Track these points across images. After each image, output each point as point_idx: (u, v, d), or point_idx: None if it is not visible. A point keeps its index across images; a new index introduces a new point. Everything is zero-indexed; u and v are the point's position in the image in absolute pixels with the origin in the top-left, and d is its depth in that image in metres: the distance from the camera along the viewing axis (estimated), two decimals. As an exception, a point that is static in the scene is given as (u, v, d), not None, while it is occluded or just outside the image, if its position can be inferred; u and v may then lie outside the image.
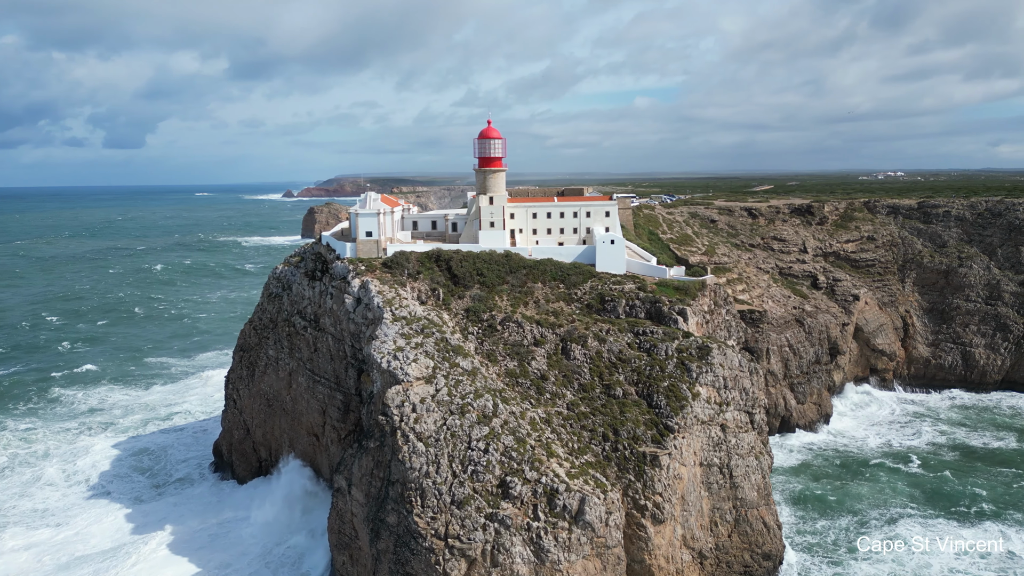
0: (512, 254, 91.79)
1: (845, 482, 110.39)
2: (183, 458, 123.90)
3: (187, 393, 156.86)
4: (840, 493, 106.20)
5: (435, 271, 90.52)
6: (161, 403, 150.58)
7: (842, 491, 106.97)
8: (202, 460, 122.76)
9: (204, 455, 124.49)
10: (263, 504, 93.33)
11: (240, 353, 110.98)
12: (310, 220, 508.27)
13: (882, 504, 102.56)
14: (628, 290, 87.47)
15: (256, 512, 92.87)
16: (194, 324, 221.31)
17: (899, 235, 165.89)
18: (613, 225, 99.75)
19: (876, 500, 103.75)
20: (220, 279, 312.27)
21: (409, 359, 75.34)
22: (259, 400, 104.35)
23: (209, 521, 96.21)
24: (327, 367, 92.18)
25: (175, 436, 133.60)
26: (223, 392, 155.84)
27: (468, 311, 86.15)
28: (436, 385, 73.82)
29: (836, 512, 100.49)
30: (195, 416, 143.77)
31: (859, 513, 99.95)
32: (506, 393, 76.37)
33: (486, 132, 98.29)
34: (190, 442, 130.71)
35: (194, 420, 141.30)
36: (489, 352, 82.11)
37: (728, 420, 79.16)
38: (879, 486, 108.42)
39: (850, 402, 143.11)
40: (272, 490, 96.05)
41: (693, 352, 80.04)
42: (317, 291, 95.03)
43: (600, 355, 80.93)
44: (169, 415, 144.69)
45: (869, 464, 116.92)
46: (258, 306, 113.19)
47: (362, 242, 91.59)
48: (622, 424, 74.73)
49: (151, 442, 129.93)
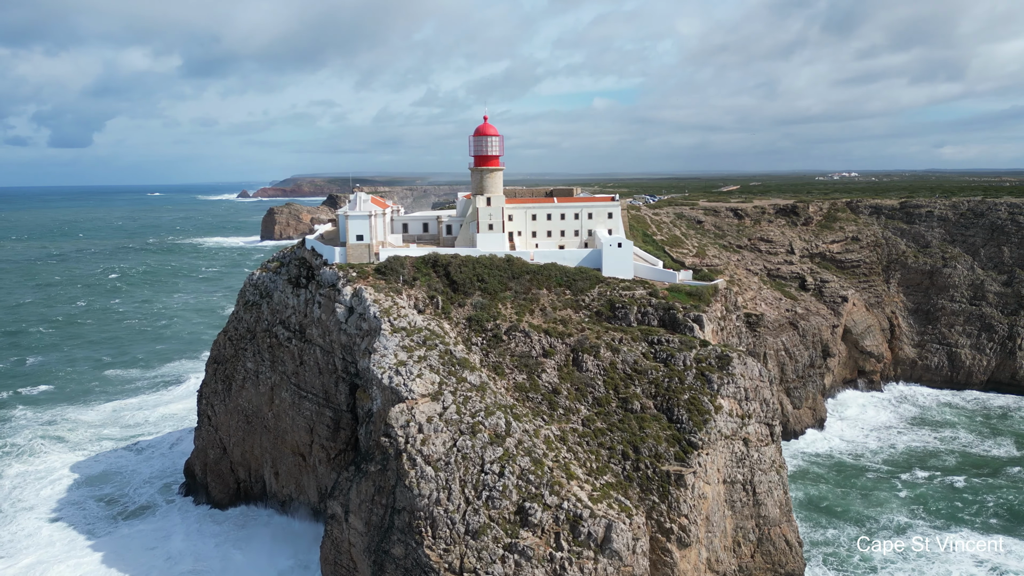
0: (514, 258, 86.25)
1: (847, 489, 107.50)
2: (147, 479, 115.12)
3: (150, 407, 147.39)
4: (844, 500, 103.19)
5: (432, 277, 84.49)
6: (121, 419, 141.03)
7: (846, 498, 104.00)
8: (169, 482, 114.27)
9: (171, 476, 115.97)
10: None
11: (214, 365, 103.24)
12: (270, 221, 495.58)
13: (888, 512, 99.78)
14: (639, 296, 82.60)
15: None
16: (155, 332, 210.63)
17: (883, 235, 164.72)
18: (616, 227, 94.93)
19: (881, 507, 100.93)
20: (179, 283, 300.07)
21: (413, 374, 69.24)
22: (237, 417, 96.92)
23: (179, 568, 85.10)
24: (315, 381, 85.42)
25: (138, 456, 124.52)
26: (190, 405, 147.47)
27: (470, 320, 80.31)
28: (443, 402, 67.88)
29: (843, 520, 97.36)
30: (159, 431, 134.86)
31: (866, 522, 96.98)
32: (517, 409, 70.78)
33: (482, 129, 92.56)
34: (155, 462, 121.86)
35: (158, 436, 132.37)
36: (496, 364, 76.42)
37: (750, 433, 74.79)
38: (882, 493, 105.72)
39: (842, 405, 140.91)
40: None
41: (712, 362, 75.47)
42: (302, 299, 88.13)
43: (614, 366, 75.86)
44: (131, 432, 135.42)
45: (869, 469, 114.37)
46: (233, 315, 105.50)
47: (352, 246, 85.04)
48: (642, 441, 69.75)
49: (111, 463, 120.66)
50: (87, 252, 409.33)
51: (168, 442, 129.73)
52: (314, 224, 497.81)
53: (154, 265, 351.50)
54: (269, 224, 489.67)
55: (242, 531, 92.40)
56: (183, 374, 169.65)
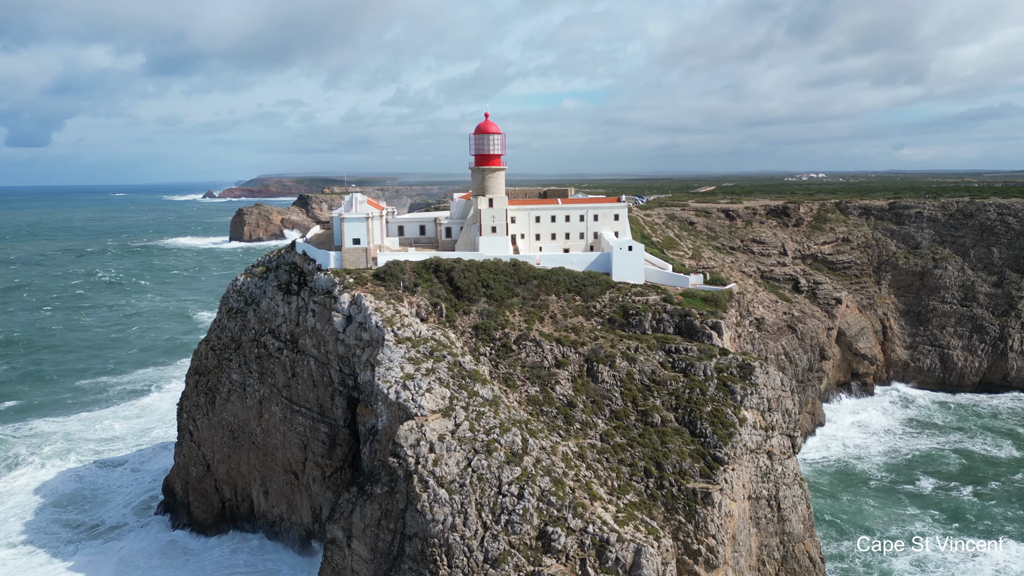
0: (520, 263, 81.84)
1: (855, 497, 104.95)
2: (120, 499, 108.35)
3: (123, 418, 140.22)
4: (854, 510, 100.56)
5: (434, 283, 79.73)
6: (91, 432, 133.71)
7: (855, 507, 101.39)
8: (145, 500, 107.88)
9: (147, 494, 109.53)
10: None
11: (195, 377, 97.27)
12: (239, 222, 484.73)
13: (899, 521, 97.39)
14: (653, 302, 78.73)
15: None
16: (125, 338, 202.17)
17: (873, 236, 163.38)
18: (622, 229, 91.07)
19: (892, 517, 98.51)
20: (148, 286, 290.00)
21: (422, 388, 64.48)
22: (222, 432, 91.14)
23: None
24: (308, 395, 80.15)
25: (110, 472, 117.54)
26: (165, 416, 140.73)
27: (477, 329, 75.74)
28: (455, 419, 63.24)
29: (856, 531, 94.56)
30: (133, 445, 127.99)
31: (879, 532, 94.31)
32: (532, 424, 66.42)
33: (483, 126, 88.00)
34: (129, 479, 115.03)
35: (133, 451, 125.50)
36: (506, 376, 71.97)
37: (774, 446, 71.37)
38: (891, 501, 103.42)
39: (840, 409, 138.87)
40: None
41: (734, 371, 71.85)
42: (294, 307, 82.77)
43: (631, 377, 71.87)
44: (102, 446, 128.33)
45: (873, 476, 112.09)
46: (215, 323, 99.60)
47: (349, 250, 79.95)
48: (665, 456, 65.85)
49: (80, 480, 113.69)
50: (51, 255, 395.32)
51: (143, 457, 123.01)
52: (285, 225, 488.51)
53: (121, 268, 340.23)
54: (238, 225, 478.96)
55: (229, 556, 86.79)
56: (156, 381, 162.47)
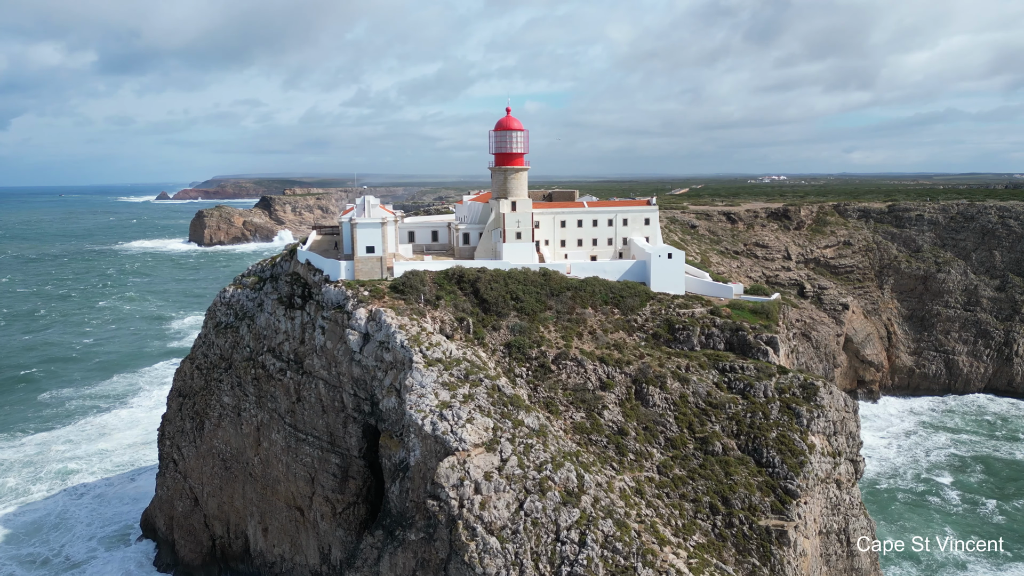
0: (550, 272, 74.28)
1: (886, 516, 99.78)
2: (90, 533, 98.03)
3: (90, 438, 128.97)
4: (892, 532, 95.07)
5: (458, 295, 71.71)
6: (55, 454, 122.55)
7: (893, 529, 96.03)
8: (118, 534, 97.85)
9: (121, 526, 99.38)
10: None
11: (179, 399, 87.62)
12: (199, 224, 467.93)
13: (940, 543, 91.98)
14: (700, 315, 71.86)
15: None
16: (85, 347, 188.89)
17: (873, 240, 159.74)
18: (653, 234, 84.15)
19: (932, 538, 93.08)
20: (107, 291, 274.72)
21: (461, 419, 56.47)
22: (212, 461, 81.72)
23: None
24: (316, 422, 71.42)
25: (77, 501, 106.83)
26: (138, 435, 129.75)
27: (510, 347, 67.95)
28: (501, 453, 55.40)
29: (899, 558, 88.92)
30: (103, 470, 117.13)
31: (923, 559, 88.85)
32: (583, 457, 58.96)
33: (505, 122, 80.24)
34: (100, 510, 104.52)
35: (103, 477, 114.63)
36: (547, 401, 64.37)
37: (842, 474, 65.06)
38: (926, 519, 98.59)
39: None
40: None
41: (797, 392, 65.36)
42: (298, 324, 73.91)
43: (685, 399, 64.87)
44: (67, 470, 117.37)
45: (900, 489, 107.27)
46: (200, 338, 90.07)
47: (362, 260, 71.41)
48: (731, 490, 58.99)
49: (43, 512, 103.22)
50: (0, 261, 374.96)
51: (116, 483, 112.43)
52: (247, 228, 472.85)
53: (77, 272, 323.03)
54: (198, 228, 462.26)
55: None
56: (121, 395, 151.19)
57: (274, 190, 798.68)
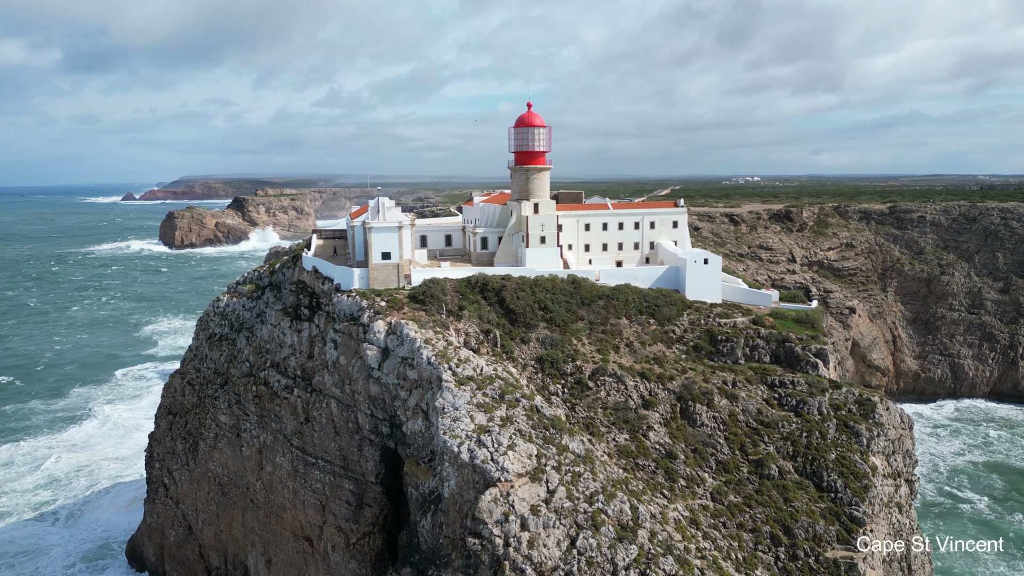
0: (579, 279, 68.88)
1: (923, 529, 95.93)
2: (67, 562, 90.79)
3: (60, 451, 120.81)
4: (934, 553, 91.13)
5: (482, 305, 65.97)
6: (23, 469, 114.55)
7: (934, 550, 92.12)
8: (99, 555, 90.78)
9: (100, 552, 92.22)
10: None
11: (169, 418, 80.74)
12: (169, 226, 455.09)
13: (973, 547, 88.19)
14: (742, 325, 66.99)
15: None
16: (56, 355, 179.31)
17: (876, 241, 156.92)
18: (681, 238, 79.22)
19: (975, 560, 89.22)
20: (73, 295, 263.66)
21: (502, 445, 50.78)
22: (208, 486, 75.05)
23: None
24: (328, 444, 65.22)
25: (50, 527, 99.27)
26: (103, 447, 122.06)
27: (542, 361, 62.42)
28: (548, 484, 49.82)
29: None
30: (78, 489, 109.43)
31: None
32: (632, 484, 53.64)
33: (526, 118, 74.64)
34: (76, 534, 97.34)
35: (79, 498, 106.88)
36: (587, 421, 58.95)
37: (902, 497, 60.59)
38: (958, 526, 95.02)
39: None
40: None
41: (853, 408, 60.75)
42: (306, 337, 67.62)
43: (734, 418, 59.90)
44: (36, 487, 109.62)
45: (932, 503, 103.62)
46: (192, 351, 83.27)
47: (377, 267, 65.35)
48: (793, 518, 54.09)
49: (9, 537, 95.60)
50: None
51: (93, 504, 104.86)
52: (220, 229, 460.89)
53: (42, 276, 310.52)
54: (169, 229, 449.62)
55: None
56: (91, 404, 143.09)
57: (244, 191, 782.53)
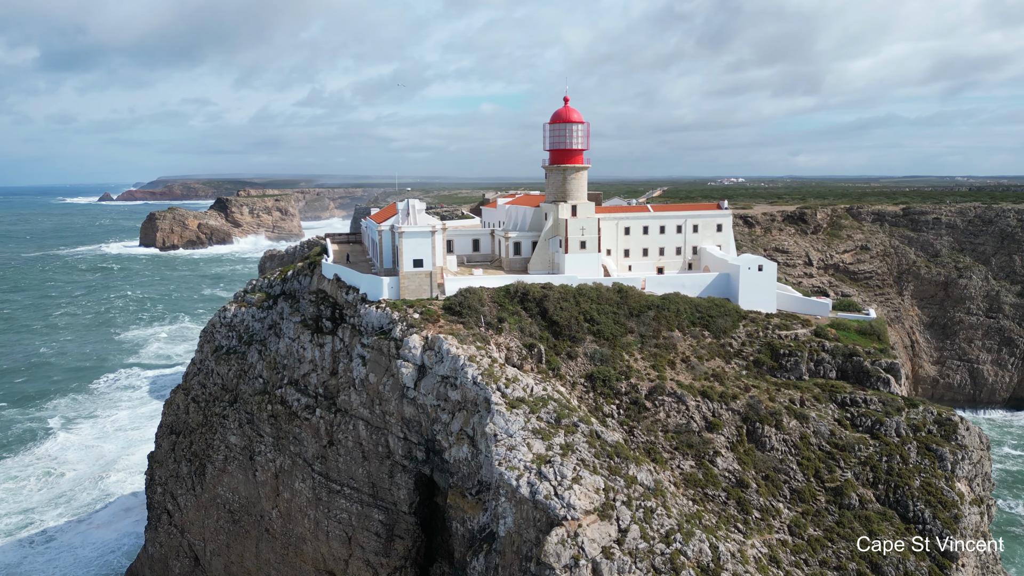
0: (625, 288, 63.50)
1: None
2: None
3: (31, 473, 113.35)
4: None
5: (523, 317, 60.43)
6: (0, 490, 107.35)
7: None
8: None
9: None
10: None
11: (172, 438, 74.38)
12: (150, 227, 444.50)
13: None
14: (804, 338, 61.96)
15: None
16: (35, 362, 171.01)
17: (891, 244, 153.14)
18: (726, 242, 74.22)
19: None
20: (51, 300, 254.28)
21: (566, 477, 45.23)
22: (217, 513, 68.82)
23: None
24: (355, 470, 59.35)
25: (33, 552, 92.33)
26: (92, 462, 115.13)
27: (592, 379, 56.96)
28: (619, 522, 44.32)
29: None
30: (62, 509, 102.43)
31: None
32: (705, 518, 48.30)
33: (563, 114, 69.18)
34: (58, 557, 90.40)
35: (60, 518, 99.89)
36: (648, 446, 53.53)
37: (985, 524, 55.79)
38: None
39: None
40: None
41: (933, 429, 55.91)
42: (329, 351, 61.69)
43: (806, 440, 54.80)
44: (17, 508, 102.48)
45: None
46: (195, 366, 76.94)
47: (409, 275, 59.57)
48: (881, 555, 49.01)
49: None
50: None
51: (80, 526, 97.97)
52: (202, 231, 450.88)
53: (18, 279, 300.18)
54: (150, 230, 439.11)
55: None
56: (69, 416, 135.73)
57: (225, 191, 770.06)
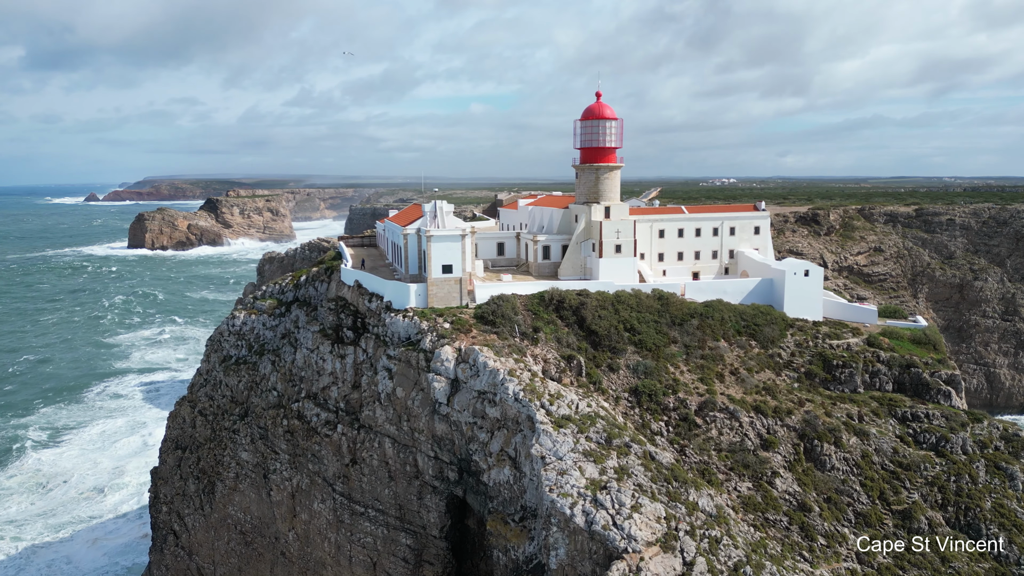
0: (665, 295, 59.77)
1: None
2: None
3: (22, 490, 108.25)
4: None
5: (559, 326, 56.54)
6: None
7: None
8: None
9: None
10: None
11: (177, 453, 70.05)
12: (139, 228, 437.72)
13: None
14: (857, 348, 58.41)
15: None
16: (20, 369, 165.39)
17: (904, 245, 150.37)
18: (764, 245, 70.67)
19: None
20: (37, 304, 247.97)
21: (624, 505, 41.38)
22: (227, 534, 64.54)
23: None
24: (380, 491, 55.28)
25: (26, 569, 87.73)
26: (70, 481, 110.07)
27: (637, 393, 53.14)
28: (684, 554, 40.48)
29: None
30: (64, 526, 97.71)
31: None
32: (770, 547, 44.56)
33: (595, 109, 65.37)
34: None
35: (66, 536, 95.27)
36: (701, 467, 49.76)
37: (1056, 547, 52.35)
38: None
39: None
40: None
41: (1000, 446, 52.50)
42: (351, 363, 57.59)
43: (868, 459, 51.21)
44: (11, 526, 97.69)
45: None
46: (201, 376, 72.62)
47: (438, 282, 55.59)
48: (956, 582, 45.51)
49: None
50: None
51: (74, 547, 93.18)
52: (192, 231, 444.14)
53: (3, 281, 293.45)
54: (139, 231, 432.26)
55: None
56: (57, 429, 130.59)
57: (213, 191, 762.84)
